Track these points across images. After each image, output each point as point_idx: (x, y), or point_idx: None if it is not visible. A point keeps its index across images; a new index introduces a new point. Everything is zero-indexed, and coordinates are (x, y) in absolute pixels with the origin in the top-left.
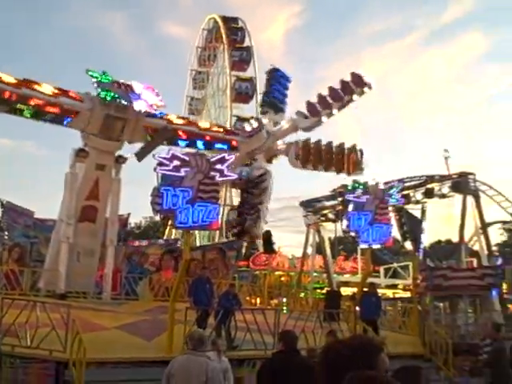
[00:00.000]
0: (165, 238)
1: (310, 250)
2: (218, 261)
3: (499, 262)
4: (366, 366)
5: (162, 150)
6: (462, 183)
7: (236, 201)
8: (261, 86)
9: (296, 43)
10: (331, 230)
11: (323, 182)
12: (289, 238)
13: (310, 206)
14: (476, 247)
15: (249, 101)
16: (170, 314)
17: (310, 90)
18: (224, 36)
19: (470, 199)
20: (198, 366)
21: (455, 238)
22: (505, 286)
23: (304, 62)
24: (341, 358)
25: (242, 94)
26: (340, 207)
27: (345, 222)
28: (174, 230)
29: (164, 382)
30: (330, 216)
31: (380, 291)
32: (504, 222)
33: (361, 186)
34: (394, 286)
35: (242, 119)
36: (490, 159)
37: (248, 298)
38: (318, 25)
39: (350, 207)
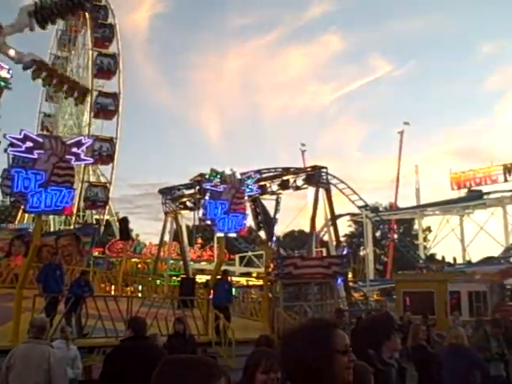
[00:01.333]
0: (16, 222)
1: (167, 238)
2: (72, 247)
3: (345, 251)
4: (326, 343)
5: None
6: (314, 176)
7: (93, 177)
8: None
9: (161, 29)
10: (190, 218)
11: (180, 171)
12: (147, 225)
13: (169, 193)
14: (326, 238)
15: (111, 76)
16: (16, 301)
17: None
18: (86, 14)
19: (322, 192)
20: (39, 355)
21: (308, 229)
22: (350, 275)
23: (169, 49)
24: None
25: (104, 69)
26: (198, 196)
27: (201, 211)
28: (26, 215)
29: (3, 373)
30: (189, 204)
31: (235, 279)
32: (352, 215)
33: (218, 176)
34: (249, 274)
35: None
36: (343, 152)
37: (103, 286)
38: (185, 13)
39: (207, 196)
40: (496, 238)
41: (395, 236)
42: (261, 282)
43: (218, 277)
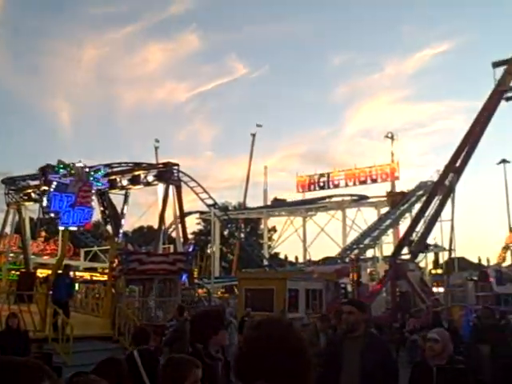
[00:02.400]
0: None
1: (8, 230)
2: None
3: (191, 248)
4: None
5: None
6: (166, 173)
7: None
8: None
9: (12, 12)
10: (35, 210)
11: (28, 161)
12: None
13: (13, 184)
14: (174, 234)
15: None
16: None
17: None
18: None
19: (173, 189)
20: None
21: (157, 225)
22: (195, 271)
23: (20, 33)
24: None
25: None
26: (44, 187)
27: (45, 203)
28: None
29: None
30: (34, 196)
31: (78, 274)
32: (201, 213)
33: (66, 168)
34: (94, 269)
35: None
36: (197, 151)
37: None
38: None
39: (53, 188)
40: (335, 239)
41: (242, 235)
42: (105, 278)
43: (60, 271)
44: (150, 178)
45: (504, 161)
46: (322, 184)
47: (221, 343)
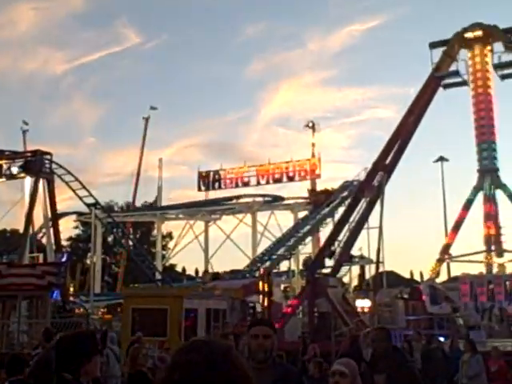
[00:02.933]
0: None
1: None
2: None
3: (65, 258)
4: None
5: None
6: (35, 163)
7: None
8: None
9: None
10: None
11: None
12: None
13: None
14: (45, 240)
15: None
16: None
17: None
18: None
19: (43, 183)
20: None
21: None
22: (71, 287)
23: None
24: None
25: None
26: None
27: None
28: None
29: None
30: None
31: None
32: (80, 214)
33: None
34: None
35: None
36: (75, 136)
37: None
38: None
39: None
40: (243, 248)
41: (130, 242)
42: None
43: None
44: (15, 170)
45: (442, 158)
46: (228, 181)
47: (94, 373)
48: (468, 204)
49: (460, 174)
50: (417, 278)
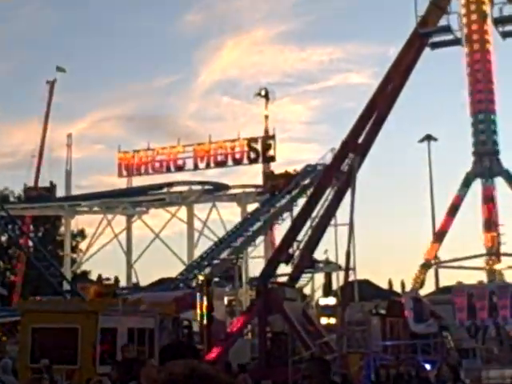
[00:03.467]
0: None
1: None
2: None
3: None
4: None
5: None
6: None
7: None
8: None
9: None
10: None
11: None
12: None
13: None
14: None
15: None
16: None
17: None
18: None
19: None
20: None
21: None
22: None
23: None
24: None
25: None
26: None
27: None
28: None
29: None
30: None
31: None
32: None
33: None
34: None
35: None
36: None
37: None
38: None
39: None
40: (176, 250)
41: (30, 242)
42: None
43: None
44: None
45: (429, 137)
46: (158, 165)
47: None
48: (460, 195)
49: (451, 157)
50: (397, 288)
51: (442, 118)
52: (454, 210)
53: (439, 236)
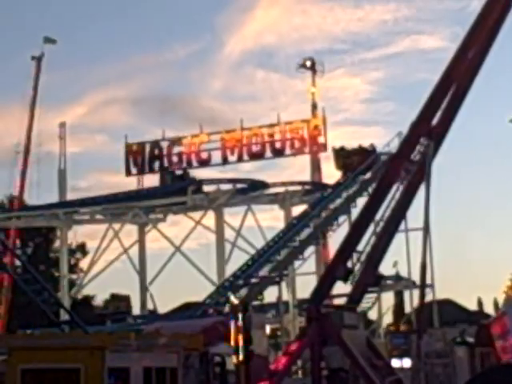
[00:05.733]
0: None
1: None
2: None
3: None
4: None
5: None
6: None
7: None
8: None
9: None
10: None
11: None
12: None
13: None
14: None
15: None
16: None
17: None
18: None
19: None
20: None
21: None
22: None
23: None
24: None
25: None
26: None
27: None
28: None
29: None
30: None
31: None
32: None
33: None
34: None
35: None
36: None
37: None
38: None
39: None
40: (202, 267)
41: (17, 261)
42: None
43: None
44: None
45: None
46: (176, 159)
47: None
48: None
49: None
50: (489, 309)
51: None
52: None
53: None
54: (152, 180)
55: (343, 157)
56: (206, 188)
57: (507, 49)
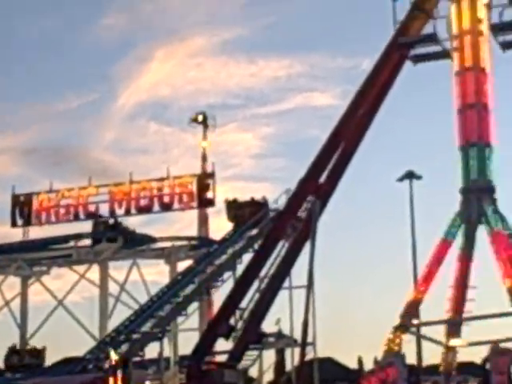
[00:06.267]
0: None
1: None
2: None
3: None
4: None
5: None
6: None
7: None
8: None
9: None
10: None
11: None
12: None
13: None
14: None
15: None
16: None
17: None
18: None
19: None
20: None
21: None
22: None
23: None
24: None
25: None
26: None
27: None
28: None
29: None
30: None
31: None
32: None
33: None
34: None
35: None
36: None
37: None
38: None
39: None
40: (84, 321)
41: None
42: None
43: None
44: None
45: (411, 175)
46: (63, 211)
47: None
48: (448, 239)
49: (440, 199)
50: (369, 367)
51: (427, 151)
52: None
53: (421, 288)
54: (38, 232)
55: (235, 208)
56: (86, 241)
57: (394, 109)
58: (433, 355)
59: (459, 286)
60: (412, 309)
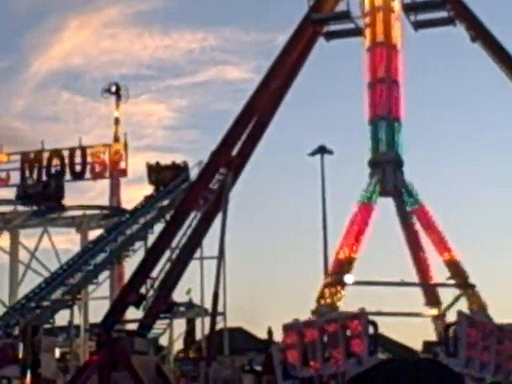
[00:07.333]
0: None
1: None
2: None
3: None
4: None
5: None
6: None
7: None
8: None
9: None
10: None
11: None
12: None
13: None
14: None
15: None
16: None
17: None
18: None
19: None
20: None
21: None
22: None
23: None
24: None
25: None
26: None
27: None
28: None
29: None
30: None
31: None
32: None
33: None
34: None
35: None
36: None
37: None
38: None
39: None
40: None
41: None
42: None
43: None
44: None
45: (322, 149)
46: None
47: None
48: (367, 203)
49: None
50: (278, 338)
51: (339, 126)
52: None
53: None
54: None
55: (156, 172)
56: (2, 208)
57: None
58: None
59: None
60: (342, 267)
